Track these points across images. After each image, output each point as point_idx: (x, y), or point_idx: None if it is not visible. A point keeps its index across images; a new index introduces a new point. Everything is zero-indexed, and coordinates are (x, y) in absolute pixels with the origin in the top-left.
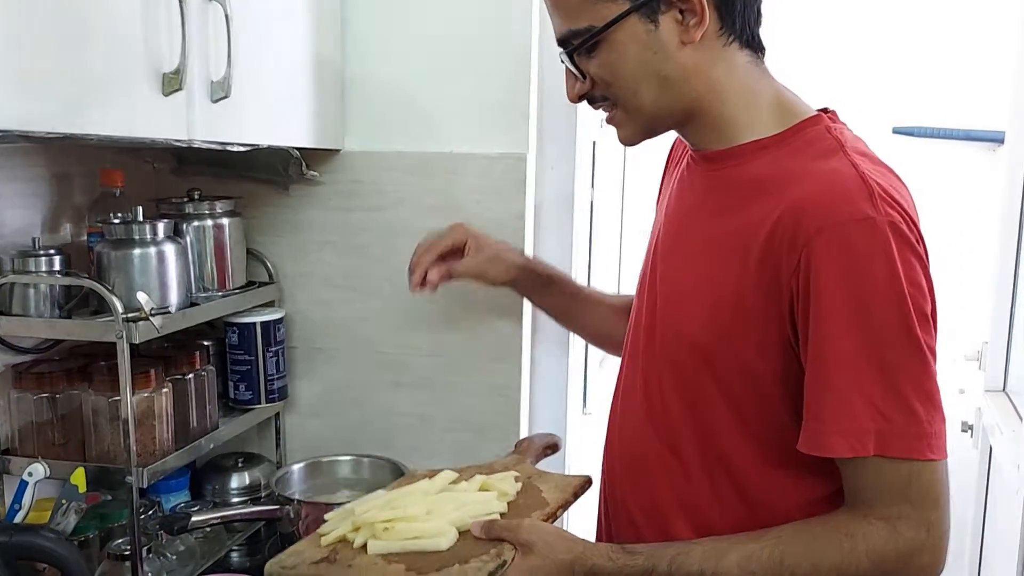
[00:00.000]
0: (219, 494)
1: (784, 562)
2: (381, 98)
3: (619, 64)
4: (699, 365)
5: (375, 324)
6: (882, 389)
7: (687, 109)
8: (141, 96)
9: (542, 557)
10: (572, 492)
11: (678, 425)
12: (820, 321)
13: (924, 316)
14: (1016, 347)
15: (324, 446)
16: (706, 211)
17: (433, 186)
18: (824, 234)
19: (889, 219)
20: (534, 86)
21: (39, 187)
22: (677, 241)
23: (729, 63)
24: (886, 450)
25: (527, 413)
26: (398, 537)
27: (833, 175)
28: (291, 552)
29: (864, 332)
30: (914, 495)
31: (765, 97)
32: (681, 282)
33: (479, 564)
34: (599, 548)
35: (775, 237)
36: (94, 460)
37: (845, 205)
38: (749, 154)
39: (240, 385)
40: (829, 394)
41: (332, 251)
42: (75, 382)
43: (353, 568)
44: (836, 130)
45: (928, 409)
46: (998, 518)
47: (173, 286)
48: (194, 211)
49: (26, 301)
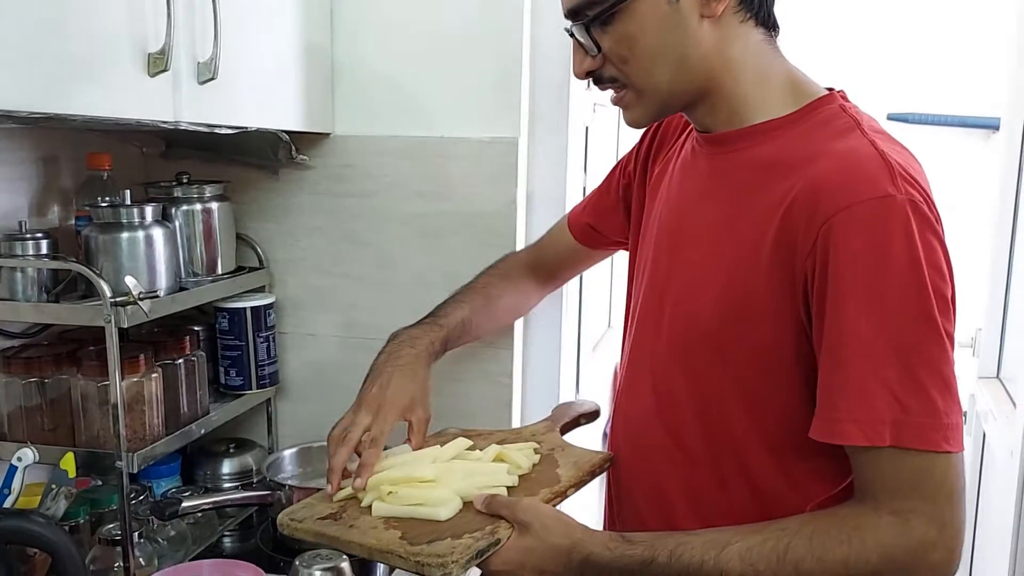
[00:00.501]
0: (210, 480)
1: (788, 555)
2: (371, 82)
3: (638, 38)
4: (710, 353)
5: (365, 309)
6: (900, 376)
7: (700, 88)
8: (126, 77)
9: (538, 539)
10: (589, 470)
11: (686, 415)
12: (837, 303)
13: (944, 300)
14: (1010, 334)
15: (315, 432)
16: (715, 195)
17: (424, 171)
18: (842, 213)
19: (910, 198)
20: (526, 70)
21: (26, 171)
22: (683, 227)
23: (744, 41)
24: (902, 441)
25: (520, 399)
26: (401, 502)
27: (851, 154)
28: (304, 504)
29: (882, 315)
30: (928, 489)
31: (777, 77)
32: (691, 269)
33: (470, 541)
34: (598, 535)
35: (791, 218)
36: (84, 445)
37: (864, 183)
38: (761, 135)
39: (231, 371)
40: (845, 380)
41: (322, 236)
42: (64, 367)
43: (354, 528)
44: (851, 108)
45: (946, 398)
46: (992, 504)
47: (162, 270)
48: (183, 195)
49: (13, 285)
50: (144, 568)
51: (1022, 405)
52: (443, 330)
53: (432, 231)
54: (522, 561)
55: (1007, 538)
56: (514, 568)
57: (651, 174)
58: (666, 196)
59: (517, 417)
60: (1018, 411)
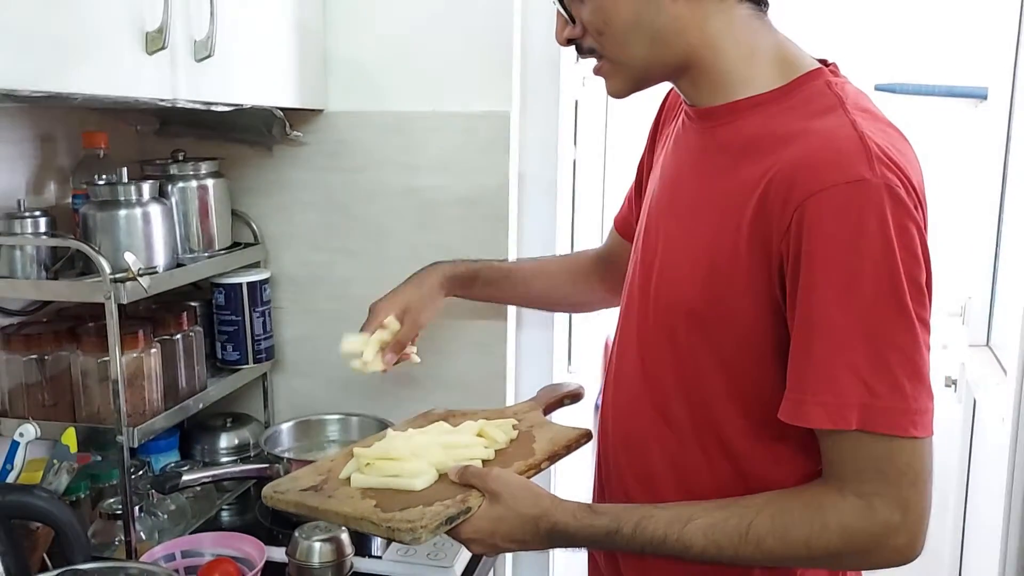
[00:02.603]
0: (208, 454)
1: (750, 533)
2: (364, 57)
3: (612, 11)
4: (693, 331)
5: (360, 283)
6: (869, 361)
7: (680, 63)
8: (125, 55)
9: (507, 508)
10: (564, 445)
11: (672, 391)
12: (809, 287)
13: (917, 286)
14: (999, 301)
15: (312, 405)
16: (700, 171)
17: (417, 145)
18: (816, 197)
19: (885, 181)
20: (516, 44)
21: (23, 149)
22: (672, 202)
23: (727, 16)
24: (868, 425)
25: (513, 371)
26: (378, 474)
27: (830, 134)
28: (289, 478)
29: (853, 300)
30: (892, 473)
31: (765, 51)
32: (675, 245)
33: (441, 508)
34: (565, 505)
35: (767, 199)
36: (84, 421)
37: (839, 166)
38: (744, 111)
39: (227, 346)
40: (813, 363)
41: (317, 211)
42: (63, 343)
43: (333, 498)
44: (837, 85)
45: (915, 384)
46: (983, 471)
47: (159, 247)
48: (178, 172)
49: (12, 263)
50: (145, 542)
51: (1012, 372)
52: (476, 263)
53: (425, 205)
54: (492, 529)
55: (999, 504)
56: (484, 536)
57: (656, 151)
58: (660, 171)
59: (511, 388)
60: (1008, 378)
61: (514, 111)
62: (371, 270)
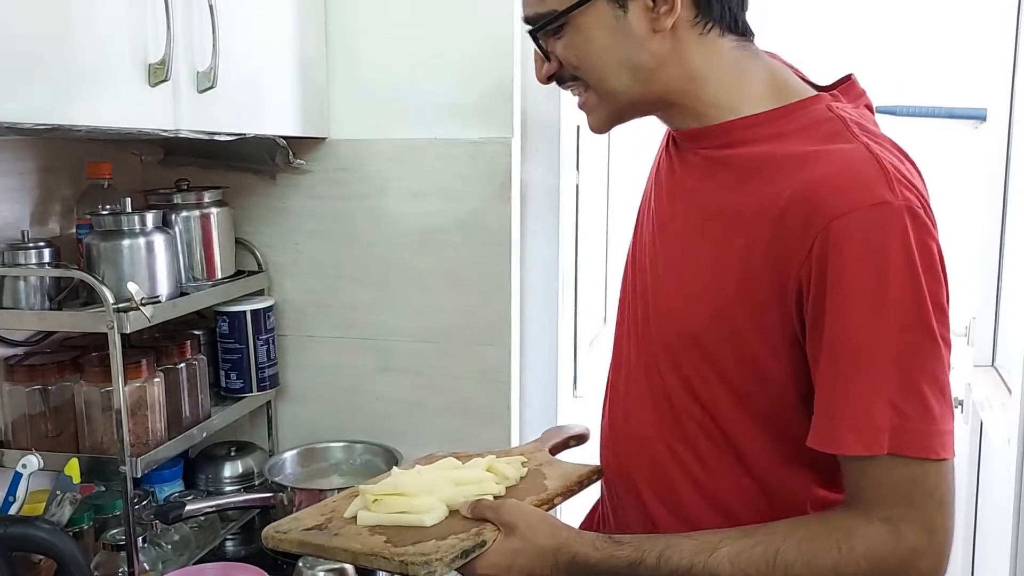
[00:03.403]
0: (212, 483)
1: (777, 560)
2: (366, 86)
3: (585, 48)
4: (700, 360)
5: (364, 311)
6: (898, 384)
7: (662, 97)
8: (128, 87)
9: (523, 540)
10: (577, 481)
11: (688, 420)
12: (835, 311)
13: (940, 306)
14: (1004, 321)
15: (316, 433)
16: (696, 192)
17: (419, 172)
18: (839, 220)
19: (907, 203)
20: (517, 71)
21: (27, 181)
22: (667, 225)
23: (708, 49)
24: (899, 448)
25: (517, 397)
26: (386, 510)
27: (846, 158)
28: (291, 518)
29: (881, 324)
30: (918, 496)
31: (754, 79)
32: (675, 269)
33: (455, 541)
34: (585, 536)
35: (784, 222)
36: (87, 451)
37: (862, 189)
38: (739, 131)
39: (231, 374)
40: (842, 388)
41: (320, 239)
42: (67, 374)
43: (339, 536)
44: (838, 109)
45: (942, 405)
46: (990, 492)
47: (163, 276)
48: (182, 201)
49: (16, 294)
50: (148, 572)
51: (1018, 393)
52: None
53: (428, 231)
54: (509, 564)
55: (1008, 525)
56: (501, 571)
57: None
58: (654, 192)
59: (516, 416)
60: (1014, 398)
61: (516, 137)
62: (375, 297)
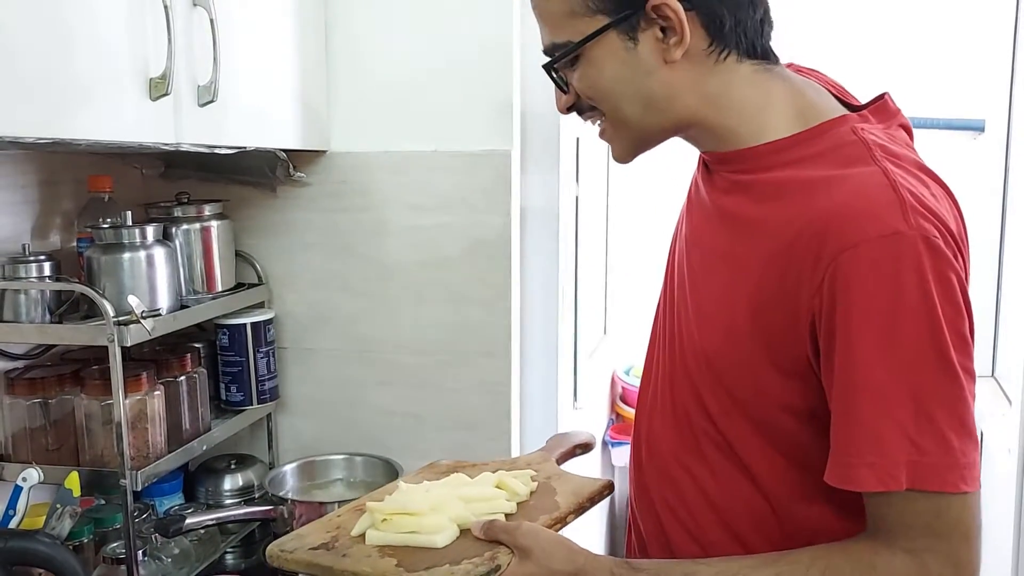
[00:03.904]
0: (212, 496)
1: None
2: (366, 99)
3: (598, 80)
4: (714, 383)
5: (364, 323)
6: (915, 418)
7: (679, 124)
8: (129, 101)
9: (538, 565)
10: (588, 497)
11: (704, 438)
12: (847, 346)
13: (960, 336)
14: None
15: (316, 446)
16: (718, 216)
17: (419, 184)
18: (850, 252)
19: (922, 232)
20: (517, 83)
21: (28, 194)
22: (693, 244)
23: (726, 76)
24: (918, 483)
25: (518, 409)
26: (396, 530)
27: (861, 184)
28: (295, 535)
29: (895, 358)
30: (943, 528)
31: (777, 102)
32: (699, 296)
33: (469, 567)
34: (602, 561)
35: (796, 251)
36: (87, 464)
37: (873, 219)
38: (762, 157)
39: (231, 386)
40: (857, 424)
41: (320, 251)
42: (67, 387)
43: (348, 557)
44: (864, 131)
45: (962, 437)
46: (991, 502)
47: (163, 289)
48: (182, 215)
49: (17, 307)
50: None
51: (1018, 403)
52: None
53: (429, 244)
54: None
55: (1008, 536)
56: None
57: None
58: (684, 214)
59: (516, 426)
60: (1014, 408)
61: (516, 150)
62: (375, 309)
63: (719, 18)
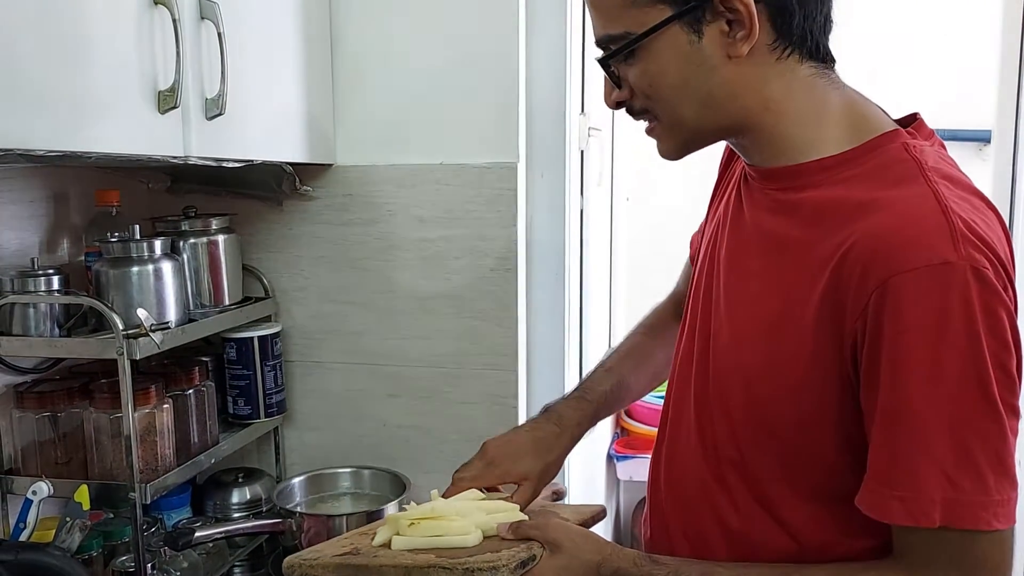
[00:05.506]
0: (220, 510)
1: None
2: (372, 112)
3: (658, 76)
4: (749, 400)
5: (371, 336)
6: (952, 454)
7: (735, 126)
8: (137, 114)
9: (570, 556)
10: (589, 518)
11: (725, 459)
12: (890, 375)
13: (1006, 372)
14: None
15: (324, 459)
16: (763, 234)
17: (425, 197)
18: (896, 279)
19: (971, 263)
20: (522, 96)
21: (36, 209)
22: (733, 265)
23: (786, 78)
24: (952, 522)
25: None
26: (423, 534)
27: (911, 208)
28: (311, 550)
29: (937, 391)
30: (968, 564)
31: (832, 113)
32: (736, 312)
33: (511, 553)
34: (626, 552)
35: (842, 275)
36: (97, 477)
37: (922, 247)
38: (810, 175)
39: (239, 400)
40: (895, 455)
41: (327, 265)
42: (76, 400)
43: (380, 556)
44: (915, 148)
45: (999, 476)
46: None
47: (171, 303)
48: (190, 228)
49: (26, 321)
50: None
51: None
52: (592, 405)
53: (435, 256)
54: None
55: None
56: None
57: (717, 198)
58: (719, 227)
59: None
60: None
61: (521, 162)
62: (382, 322)
63: (788, 11)
